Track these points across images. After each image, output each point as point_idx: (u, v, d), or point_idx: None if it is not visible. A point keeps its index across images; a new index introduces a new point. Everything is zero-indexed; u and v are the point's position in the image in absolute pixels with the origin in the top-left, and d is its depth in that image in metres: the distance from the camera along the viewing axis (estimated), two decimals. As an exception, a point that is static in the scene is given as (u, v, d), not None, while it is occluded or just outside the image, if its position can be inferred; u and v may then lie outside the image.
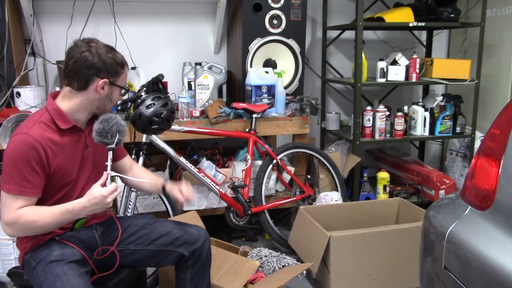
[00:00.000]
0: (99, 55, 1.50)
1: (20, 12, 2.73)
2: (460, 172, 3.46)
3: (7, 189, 1.42)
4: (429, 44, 3.59)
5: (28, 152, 1.42)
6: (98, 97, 1.54)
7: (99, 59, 1.49)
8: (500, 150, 1.28)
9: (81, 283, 1.45)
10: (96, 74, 1.50)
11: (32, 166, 1.42)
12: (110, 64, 1.52)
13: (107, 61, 1.51)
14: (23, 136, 1.43)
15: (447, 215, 1.40)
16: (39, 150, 1.43)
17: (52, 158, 1.47)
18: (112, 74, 1.54)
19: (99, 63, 1.49)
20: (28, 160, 1.42)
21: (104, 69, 1.51)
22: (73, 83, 1.51)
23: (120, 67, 1.56)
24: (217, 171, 2.59)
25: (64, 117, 1.52)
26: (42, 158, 1.44)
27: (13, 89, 2.57)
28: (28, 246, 1.54)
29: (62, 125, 1.51)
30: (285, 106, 2.90)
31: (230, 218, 2.65)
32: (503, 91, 3.21)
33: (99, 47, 1.51)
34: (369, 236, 2.20)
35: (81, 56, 1.48)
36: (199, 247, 1.70)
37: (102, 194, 1.41)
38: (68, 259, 1.49)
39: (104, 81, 1.52)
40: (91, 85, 1.51)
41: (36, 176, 1.44)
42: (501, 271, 1.11)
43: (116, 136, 1.49)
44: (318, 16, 3.43)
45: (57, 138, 1.50)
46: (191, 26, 3.21)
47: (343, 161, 3.05)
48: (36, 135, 1.44)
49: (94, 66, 1.49)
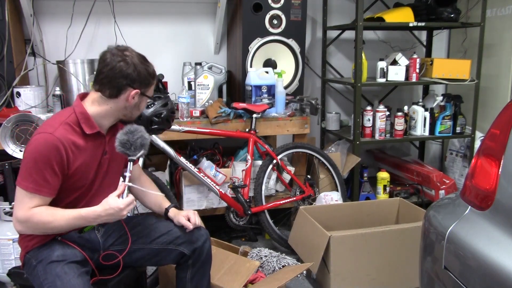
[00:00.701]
0: (135, 66, 1.50)
1: (20, 12, 2.73)
2: (460, 172, 3.46)
3: (24, 186, 1.42)
4: (429, 44, 3.59)
5: (50, 152, 1.42)
6: (128, 105, 1.55)
7: (134, 69, 1.50)
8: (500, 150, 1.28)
9: (81, 283, 1.45)
10: (129, 84, 1.51)
11: (52, 167, 1.43)
12: (144, 75, 1.53)
13: (141, 72, 1.52)
14: (48, 136, 1.43)
15: (447, 215, 1.40)
16: (61, 151, 1.44)
17: (72, 160, 1.48)
18: (144, 85, 1.55)
19: (134, 73, 1.50)
20: (49, 160, 1.42)
21: (138, 80, 1.52)
22: (105, 90, 1.51)
23: (152, 78, 1.58)
24: (217, 171, 2.59)
25: (90, 122, 1.53)
26: (63, 160, 1.45)
27: (13, 89, 2.57)
28: (30, 245, 1.54)
29: (87, 130, 1.52)
30: (285, 106, 2.90)
31: (230, 218, 2.66)
32: (503, 91, 3.21)
33: (133, 57, 1.52)
34: (369, 236, 2.20)
35: (117, 65, 1.48)
36: (199, 246, 1.70)
37: (119, 207, 1.43)
38: (69, 260, 1.50)
39: (136, 91, 1.53)
40: (123, 94, 1.52)
41: (54, 176, 1.44)
42: (501, 271, 1.11)
43: (140, 149, 1.50)
44: (318, 16, 3.43)
45: (80, 141, 1.51)
46: (191, 26, 3.21)
47: (343, 161, 3.05)
48: (61, 136, 1.45)
49: (129, 77, 1.50)
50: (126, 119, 1.61)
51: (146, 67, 1.55)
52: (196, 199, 2.67)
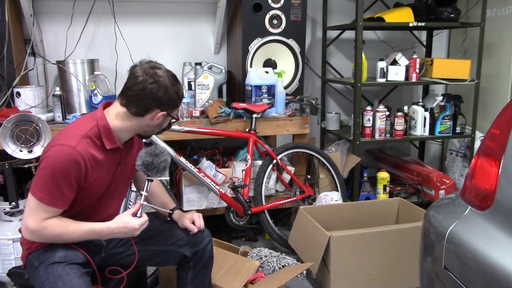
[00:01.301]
0: (166, 89, 1.49)
1: (20, 12, 2.73)
2: (460, 172, 3.46)
3: (39, 197, 1.40)
4: (429, 44, 3.59)
5: (70, 166, 1.40)
6: (151, 124, 1.54)
7: (165, 92, 1.49)
8: (500, 150, 1.28)
9: (82, 283, 1.45)
10: (157, 106, 1.50)
11: (70, 181, 1.42)
12: (173, 99, 1.52)
13: (171, 95, 1.51)
14: (70, 150, 1.40)
15: (447, 215, 1.40)
16: (81, 166, 1.43)
17: (90, 174, 1.47)
18: (171, 107, 1.55)
19: (164, 97, 1.49)
20: (68, 174, 1.40)
21: (167, 103, 1.51)
22: (131, 108, 1.49)
23: (180, 100, 1.57)
24: (217, 171, 2.59)
25: (111, 137, 1.51)
26: (81, 174, 1.44)
27: (13, 89, 2.57)
28: (33, 246, 1.54)
29: (108, 145, 1.51)
30: (285, 106, 2.90)
31: (230, 218, 2.65)
32: (503, 91, 3.21)
33: (165, 78, 1.50)
34: (369, 236, 2.20)
35: (148, 86, 1.46)
36: (201, 248, 1.70)
37: (134, 227, 1.45)
38: (71, 261, 1.49)
39: (163, 113, 1.52)
40: (149, 114, 1.51)
41: (71, 190, 1.44)
42: (501, 271, 1.11)
43: (161, 172, 1.50)
44: (318, 16, 3.43)
45: (100, 156, 1.50)
46: (191, 26, 3.21)
47: (343, 161, 3.05)
48: (82, 151, 1.43)
49: (158, 99, 1.49)
50: (145, 135, 1.61)
51: (176, 90, 1.53)
52: (196, 199, 2.67)
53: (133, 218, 1.46)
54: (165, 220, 1.80)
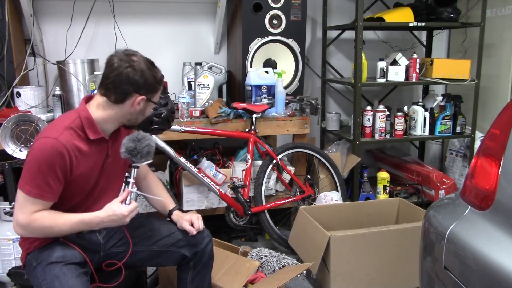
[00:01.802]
0: (142, 72, 1.49)
1: (20, 12, 2.73)
2: (460, 172, 3.46)
3: (27, 190, 1.41)
4: (429, 44, 3.59)
5: (55, 157, 1.41)
6: (133, 111, 1.54)
7: (142, 76, 1.49)
8: (500, 150, 1.28)
9: (79, 283, 1.45)
10: (135, 90, 1.50)
11: (55, 172, 1.42)
12: (150, 82, 1.52)
13: (148, 78, 1.51)
14: (53, 141, 1.42)
15: (447, 215, 1.40)
16: (65, 157, 1.43)
17: (76, 166, 1.47)
18: (150, 91, 1.54)
19: (140, 80, 1.49)
20: (53, 166, 1.41)
21: (144, 86, 1.51)
22: (110, 95, 1.50)
23: (159, 84, 1.56)
24: (217, 171, 2.59)
25: (94, 128, 1.52)
26: (67, 165, 1.44)
27: (13, 89, 2.57)
28: (31, 247, 1.54)
29: (91, 135, 1.51)
30: (285, 106, 2.90)
31: (230, 218, 2.65)
32: (503, 91, 3.21)
33: (141, 62, 1.50)
34: (369, 236, 2.20)
35: (124, 71, 1.47)
36: (201, 248, 1.70)
37: (122, 213, 1.44)
38: (68, 261, 1.49)
39: (142, 98, 1.52)
40: (128, 100, 1.51)
41: (57, 182, 1.44)
42: (501, 271, 1.11)
43: (145, 157, 1.50)
44: (318, 16, 3.43)
45: (84, 147, 1.50)
46: (191, 26, 3.21)
47: (343, 161, 3.05)
48: (65, 141, 1.44)
49: (136, 83, 1.49)
50: (130, 124, 1.60)
51: (153, 74, 1.53)
52: (196, 199, 2.67)
53: (122, 205, 1.45)
54: (165, 220, 1.80)
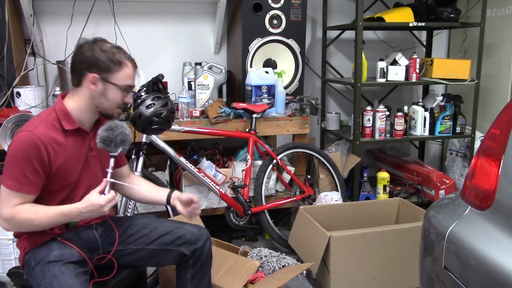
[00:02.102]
0: (93, 51, 1.50)
1: (20, 12, 2.73)
2: (460, 172, 3.46)
3: (7, 184, 1.43)
4: (429, 44, 3.59)
5: (30, 150, 1.43)
6: (94, 94, 1.53)
7: (92, 54, 1.50)
8: (500, 150, 1.28)
9: (77, 283, 1.45)
10: (87, 69, 1.50)
11: (32, 164, 1.43)
12: (102, 60, 1.50)
13: (99, 56, 1.50)
14: (27, 134, 1.44)
15: (447, 215, 1.40)
16: (41, 149, 1.44)
17: (54, 158, 1.48)
18: (103, 70, 1.51)
19: (91, 58, 1.50)
20: (29, 158, 1.43)
21: (95, 64, 1.50)
22: (73, 80, 1.54)
23: (114, 64, 1.52)
24: (217, 171, 2.59)
25: (69, 118, 1.53)
26: (43, 157, 1.45)
27: (13, 89, 2.57)
28: (28, 246, 1.54)
29: (66, 126, 1.52)
30: (285, 106, 2.90)
31: (230, 218, 2.66)
32: (503, 91, 3.21)
33: (100, 45, 1.52)
34: (369, 236, 2.20)
35: (77, 51, 1.51)
36: (200, 246, 1.70)
37: (99, 203, 1.42)
38: (67, 260, 1.49)
39: (94, 75, 1.50)
40: (84, 80, 1.51)
41: (35, 174, 1.45)
42: (501, 271, 1.11)
43: (120, 146, 1.49)
44: (318, 16, 3.43)
45: (61, 138, 1.51)
46: (191, 26, 3.21)
47: (343, 161, 3.05)
48: (40, 133, 1.45)
49: (85, 61, 1.50)
50: (100, 111, 1.57)
51: (108, 53, 1.51)
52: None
53: (99, 196, 1.44)
54: (163, 219, 1.80)
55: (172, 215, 2.39)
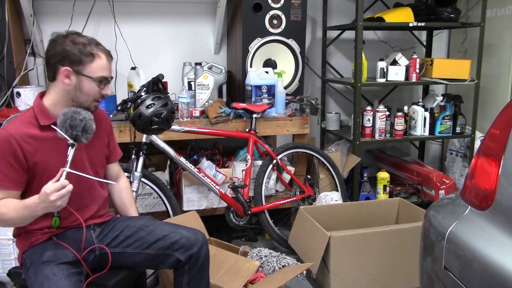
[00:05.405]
0: (64, 45, 1.50)
1: (20, 12, 2.73)
2: (460, 172, 3.46)
3: None
4: (429, 44, 3.59)
5: (3, 146, 1.45)
6: (69, 88, 1.53)
7: (62, 48, 1.50)
8: (500, 150, 1.28)
9: (68, 284, 1.43)
10: (59, 62, 1.50)
11: (8, 160, 1.45)
12: (73, 53, 1.50)
13: (69, 49, 1.50)
14: (1, 132, 1.47)
15: (447, 215, 1.40)
16: (14, 144, 1.45)
17: (30, 153, 1.48)
18: (75, 62, 1.51)
19: (62, 51, 1.50)
20: (3, 154, 1.45)
21: (66, 58, 1.50)
22: (48, 74, 1.56)
23: (85, 56, 1.51)
24: (217, 171, 2.59)
25: (45, 113, 1.53)
26: (18, 153, 1.46)
27: (13, 89, 2.57)
28: (25, 246, 1.54)
29: (42, 121, 1.52)
30: (285, 106, 2.90)
31: (230, 218, 2.65)
32: (503, 91, 3.21)
33: (72, 38, 1.52)
34: (369, 236, 2.20)
35: (50, 46, 1.52)
36: (195, 252, 1.66)
37: (45, 191, 1.37)
38: (60, 260, 1.49)
39: (66, 69, 1.50)
40: (58, 74, 1.52)
41: (12, 170, 1.46)
42: (501, 271, 1.11)
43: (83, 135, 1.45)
44: (318, 16, 3.43)
45: (37, 133, 1.51)
46: (191, 26, 3.21)
47: (343, 161, 3.05)
48: (12, 130, 1.47)
49: (57, 55, 1.50)
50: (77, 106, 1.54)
51: (79, 45, 1.51)
52: (196, 199, 2.67)
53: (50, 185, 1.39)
54: (160, 222, 1.79)
55: (172, 215, 2.40)
